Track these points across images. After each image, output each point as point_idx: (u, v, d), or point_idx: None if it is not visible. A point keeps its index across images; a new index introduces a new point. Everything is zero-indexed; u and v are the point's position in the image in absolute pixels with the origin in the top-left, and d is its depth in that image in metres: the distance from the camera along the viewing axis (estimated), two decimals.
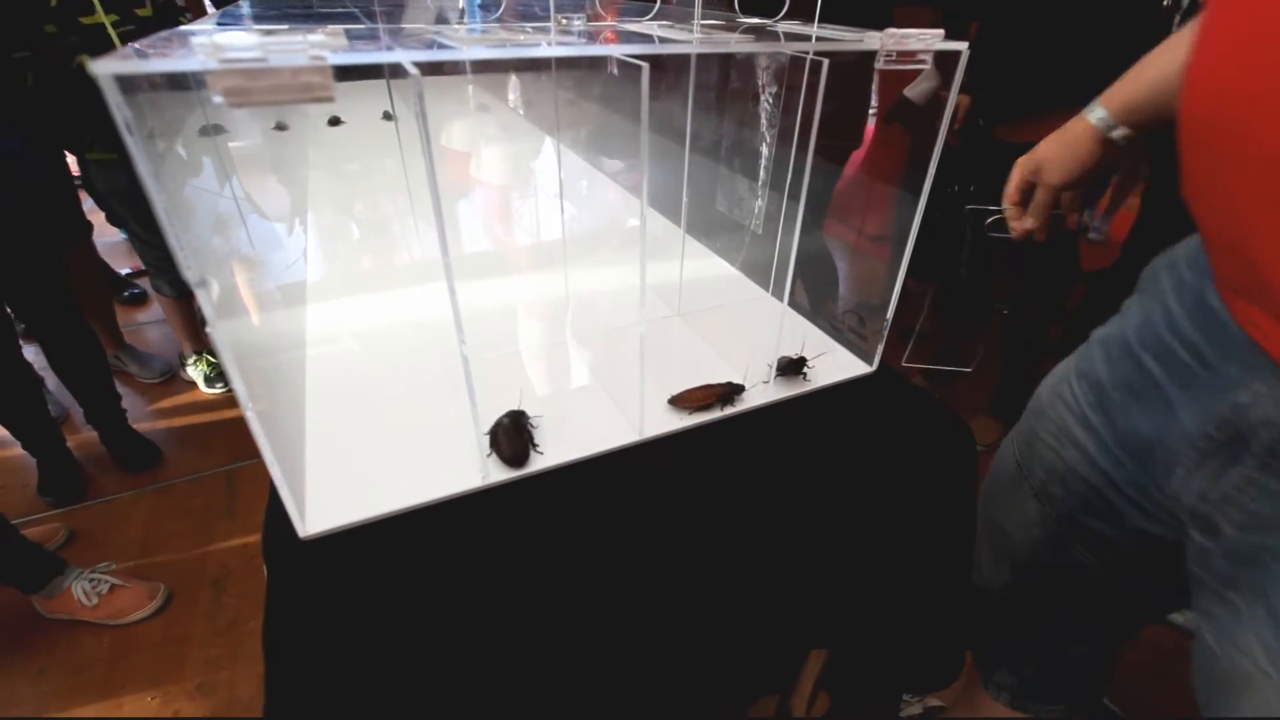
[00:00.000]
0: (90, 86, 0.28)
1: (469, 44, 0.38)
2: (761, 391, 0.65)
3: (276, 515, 0.47)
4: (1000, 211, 0.71)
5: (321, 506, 0.49)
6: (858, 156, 1.71)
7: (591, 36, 0.47)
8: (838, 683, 0.86)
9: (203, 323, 1.71)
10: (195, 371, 1.99)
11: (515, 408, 0.57)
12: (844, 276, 1.71)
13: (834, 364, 0.69)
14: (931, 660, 0.78)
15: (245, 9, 0.71)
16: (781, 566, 0.62)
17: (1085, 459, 0.59)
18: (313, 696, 0.45)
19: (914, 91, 1.60)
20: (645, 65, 0.39)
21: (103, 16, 1.35)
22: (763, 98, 0.72)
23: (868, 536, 0.66)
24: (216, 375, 1.96)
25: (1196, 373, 0.48)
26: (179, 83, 0.41)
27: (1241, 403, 0.44)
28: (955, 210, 1.68)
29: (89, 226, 1.82)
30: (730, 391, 0.61)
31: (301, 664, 0.44)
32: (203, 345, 1.97)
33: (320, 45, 0.32)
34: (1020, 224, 0.68)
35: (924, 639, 0.75)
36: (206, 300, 0.35)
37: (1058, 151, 0.64)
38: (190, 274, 0.33)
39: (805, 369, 0.66)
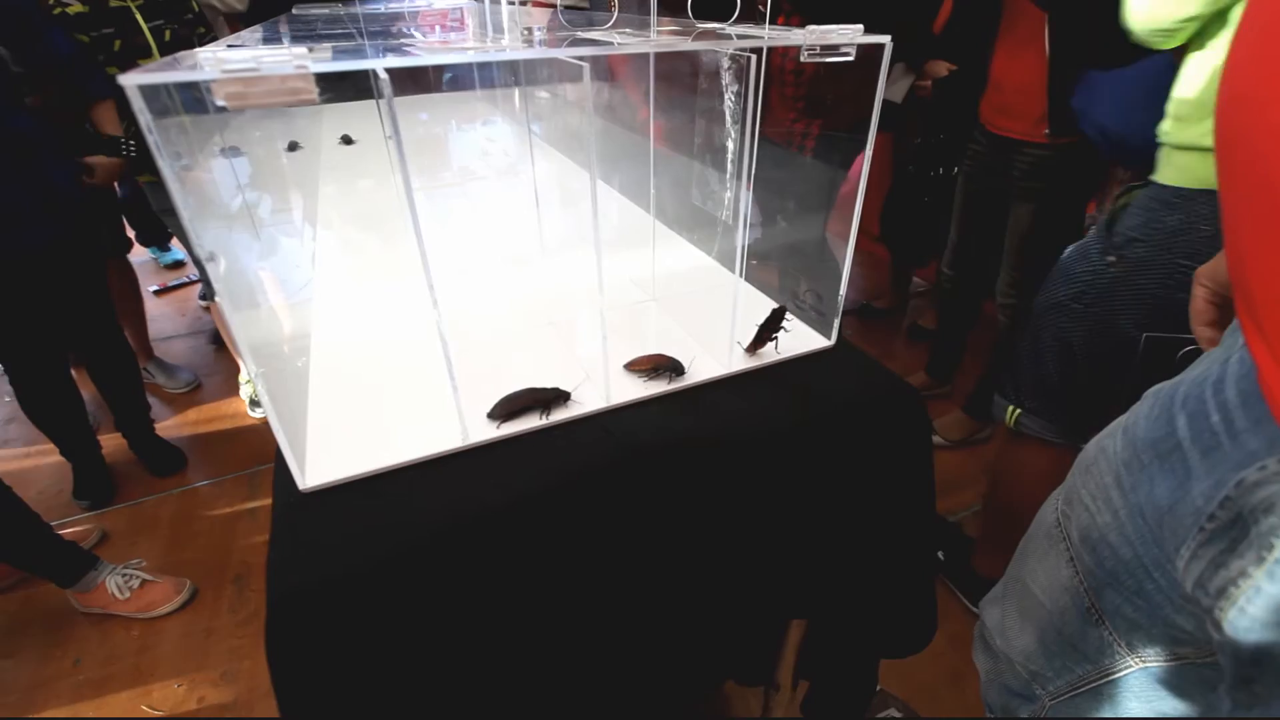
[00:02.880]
0: None
1: (433, 52, 0.44)
2: (729, 361, 0.70)
3: (282, 473, 0.53)
4: (1192, 342, 0.56)
5: (318, 466, 0.55)
6: (863, 158, 1.74)
7: (551, 45, 0.53)
8: (817, 660, 0.90)
9: (212, 295, 1.79)
10: (245, 391, 2.07)
11: (563, 389, 0.63)
12: (847, 275, 1.75)
13: (796, 339, 0.74)
14: (904, 624, 0.81)
15: (253, 37, 0.79)
16: (753, 534, 0.67)
17: (1118, 526, 0.51)
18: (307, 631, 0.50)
19: (889, 93, 1.66)
20: (586, 65, 0.45)
21: (158, 59, 1.50)
22: (726, 96, 0.78)
23: (833, 504, 0.70)
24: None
25: (1220, 439, 0.41)
26: (200, 107, 0.48)
27: (1248, 480, 0.38)
28: (944, 192, 1.71)
29: (128, 244, 1.94)
30: (678, 363, 0.67)
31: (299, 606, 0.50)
32: None
33: (304, 57, 0.39)
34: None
35: (894, 602, 0.79)
36: (215, 274, 0.41)
37: None
38: (200, 250, 0.40)
39: (783, 324, 0.69)
